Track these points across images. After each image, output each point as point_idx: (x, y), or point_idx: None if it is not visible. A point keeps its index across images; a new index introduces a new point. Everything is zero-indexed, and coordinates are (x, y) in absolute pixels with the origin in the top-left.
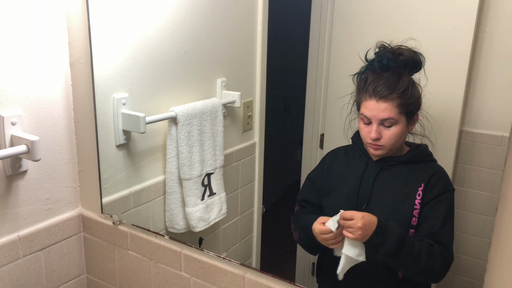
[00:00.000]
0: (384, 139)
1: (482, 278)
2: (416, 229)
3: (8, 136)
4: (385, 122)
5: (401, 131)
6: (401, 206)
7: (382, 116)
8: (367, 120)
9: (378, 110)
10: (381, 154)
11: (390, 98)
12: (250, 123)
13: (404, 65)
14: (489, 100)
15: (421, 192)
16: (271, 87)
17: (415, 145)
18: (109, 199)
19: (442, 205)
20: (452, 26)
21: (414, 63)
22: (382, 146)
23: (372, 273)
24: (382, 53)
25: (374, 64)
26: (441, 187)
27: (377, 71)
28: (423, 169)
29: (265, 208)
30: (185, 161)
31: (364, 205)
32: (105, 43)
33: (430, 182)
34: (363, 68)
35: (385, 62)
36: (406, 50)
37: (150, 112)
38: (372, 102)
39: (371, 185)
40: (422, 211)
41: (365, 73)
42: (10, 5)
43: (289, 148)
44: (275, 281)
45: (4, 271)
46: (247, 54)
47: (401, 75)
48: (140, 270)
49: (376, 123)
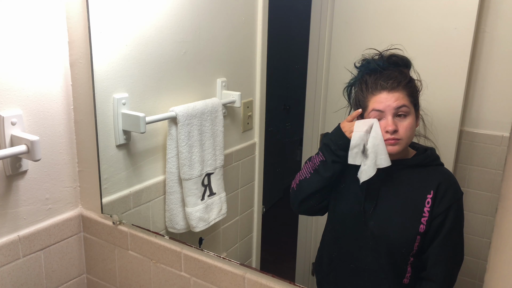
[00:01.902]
0: (401, 131)
1: (482, 278)
2: (423, 236)
3: (8, 136)
4: (400, 111)
5: (414, 123)
6: (409, 212)
7: (397, 104)
8: (379, 115)
9: (392, 100)
10: (397, 150)
11: (399, 88)
12: (250, 123)
13: (398, 65)
14: (489, 100)
15: (430, 200)
16: (271, 87)
17: (422, 149)
18: (109, 199)
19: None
20: (452, 26)
21: (404, 63)
22: (399, 140)
23: (377, 278)
24: (374, 57)
25: (371, 65)
26: (451, 197)
27: (375, 70)
28: (431, 174)
29: (265, 208)
30: (185, 161)
31: (371, 209)
32: (105, 43)
33: (439, 190)
34: (354, 78)
35: (380, 63)
36: (396, 53)
37: (150, 112)
38: (383, 95)
39: (377, 189)
40: (431, 223)
41: (362, 78)
42: (10, 5)
43: (289, 148)
44: (275, 281)
45: (4, 271)
46: (247, 54)
47: (401, 70)
48: (140, 270)
49: (391, 114)
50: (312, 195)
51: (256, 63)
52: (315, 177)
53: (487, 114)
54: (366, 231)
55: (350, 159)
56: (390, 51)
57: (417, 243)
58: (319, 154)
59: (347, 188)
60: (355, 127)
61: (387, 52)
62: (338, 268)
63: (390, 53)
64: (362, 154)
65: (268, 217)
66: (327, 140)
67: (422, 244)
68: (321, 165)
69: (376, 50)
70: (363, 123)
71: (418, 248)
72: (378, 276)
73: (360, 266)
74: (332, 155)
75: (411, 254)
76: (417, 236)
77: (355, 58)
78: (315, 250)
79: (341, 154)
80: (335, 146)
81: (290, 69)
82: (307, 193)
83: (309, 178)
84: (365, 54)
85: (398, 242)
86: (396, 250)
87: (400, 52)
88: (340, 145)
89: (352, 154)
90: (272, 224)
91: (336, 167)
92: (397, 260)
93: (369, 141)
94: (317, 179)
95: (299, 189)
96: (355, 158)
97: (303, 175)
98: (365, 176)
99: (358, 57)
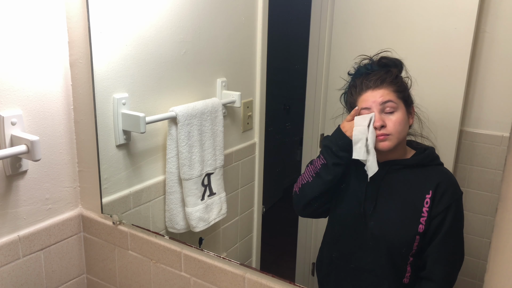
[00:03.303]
0: (390, 126)
1: (482, 278)
2: (422, 236)
3: (8, 136)
4: (386, 107)
5: (404, 119)
6: (408, 212)
7: (382, 99)
8: (368, 113)
9: (376, 96)
10: (388, 146)
11: (384, 86)
12: (250, 123)
13: (388, 66)
14: (489, 100)
15: (429, 200)
16: (271, 87)
17: (421, 149)
18: (109, 199)
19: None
20: (452, 26)
21: (395, 64)
22: (389, 135)
23: (377, 278)
24: (365, 62)
25: (360, 70)
26: (450, 197)
27: (363, 73)
28: (430, 174)
29: (265, 208)
30: (185, 161)
31: (370, 209)
32: (105, 43)
33: (438, 190)
34: (347, 84)
35: (369, 66)
36: (387, 56)
37: (150, 112)
38: (368, 93)
39: (377, 189)
40: (430, 222)
41: (352, 82)
42: (10, 6)
43: (289, 148)
44: (275, 281)
45: (4, 271)
46: (247, 54)
47: (388, 70)
48: (140, 270)
49: (377, 110)
50: (315, 199)
51: (256, 63)
52: (317, 181)
53: (487, 114)
54: (366, 231)
55: (354, 153)
56: (380, 54)
57: (417, 243)
58: (320, 157)
59: (348, 189)
60: (355, 122)
61: (377, 56)
62: (339, 268)
63: (380, 56)
64: (366, 148)
65: (268, 217)
66: (327, 142)
67: (421, 244)
68: (322, 168)
69: (366, 56)
70: (362, 118)
71: (417, 248)
72: (378, 276)
73: (360, 266)
74: (333, 157)
75: (411, 254)
76: (416, 236)
77: (355, 58)
78: (315, 250)
79: (342, 155)
80: (336, 147)
81: (290, 69)
82: (310, 197)
83: (311, 182)
84: (357, 61)
85: (397, 242)
86: (396, 250)
87: (389, 54)
88: (340, 145)
89: (356, 149)
90: (272, 224)
91: (337, 169)
92: (396, 260)
93: (369, 137)
94: (319, 183)
95: (301, 194)
96: (359, 153)
97: (305, 179)
98: (370, 173)
99: (358, 57)
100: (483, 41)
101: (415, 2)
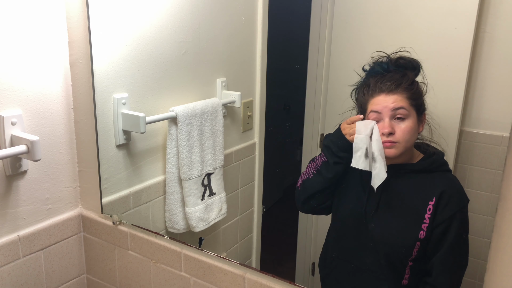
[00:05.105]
0: (398, 134)
1: (482, 278)
2: (423, 242)
3: (8, 136)
4: (397, 114)
5: (414, 127)
6: (410, 218)
7: (394, 105)
8: (377, 117)
9: (389, 102)
10: (394, 154)
11: (398, 91)
12: (250, 123)
13: (405, 68)
14: (489, 100)
15: (432, 207)
16: (271, 87)
17: (429, 153)
18: (109, 199)
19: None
20: (452, 26)
21: (413, 66)
22: (396, 143)
23: (377, 279)
24: (382, 59)
25: (375, 68)
26: (454, 205)
27: (379, 73)
28: (436, 180)
29: (265, 208)
30: (185, 161)
31: (372, 211)
32: (105, 43)
33: (442, 197)
34: (361, 80)
35: (385, 66)
36: (404, 56)
37: (150, 112)
38: (381, 97)
39: (379, 193)
40: (433, 230)
41: (366, 81)
42: (10, 6)
43: (289, 148)
44: (275, 281)
45: (4, 271)
46: (247, 54)
47: (405, 73)
48: (140, 270)
49: (388, 116)
50: (314, 195)
51: (256, 63)
52: (318, 177)
53: (487, 114)
54: (367, 232)
55: (353, 162)
56: (399, 53)
57: (417, 249)
58: (321, 155)
59: (350, 189)
60: (357, 129)
61: (395, 55)
62: (340, 267)
63: (398, 56)
64: (365, 157)
65: (268, 217)
66: (327, 141)
67: (422, 250)
68: (323, 166)
69: (384, 53)
70: (364, 125)
71: (417, 254)
72: (378, 276)
73: (360, 266)
74: (333, 156)
75: (410, 259)
76: (416, 241)
77: (355, 58)
78: (315, 250)
79: (342, 156)
80: (336, 147)
81: (290, 69)
82: (309, 193)
83: (312, 178)
84: (374, 57)
85: (396, 246)
86: (395, 254)
87: (408, 54)
88: (340, 146)
89: (356, 158)
90: (272, 224)
91: (338, 168)
92: (395, 263)
93: (373, 144)
94: (319, 180)
95: (302, 189)
96: (358, 162)
97: (306, 175)
98: (378, 181)
99: (358, 57)
100: (483, 41)
101: (415, 2)
